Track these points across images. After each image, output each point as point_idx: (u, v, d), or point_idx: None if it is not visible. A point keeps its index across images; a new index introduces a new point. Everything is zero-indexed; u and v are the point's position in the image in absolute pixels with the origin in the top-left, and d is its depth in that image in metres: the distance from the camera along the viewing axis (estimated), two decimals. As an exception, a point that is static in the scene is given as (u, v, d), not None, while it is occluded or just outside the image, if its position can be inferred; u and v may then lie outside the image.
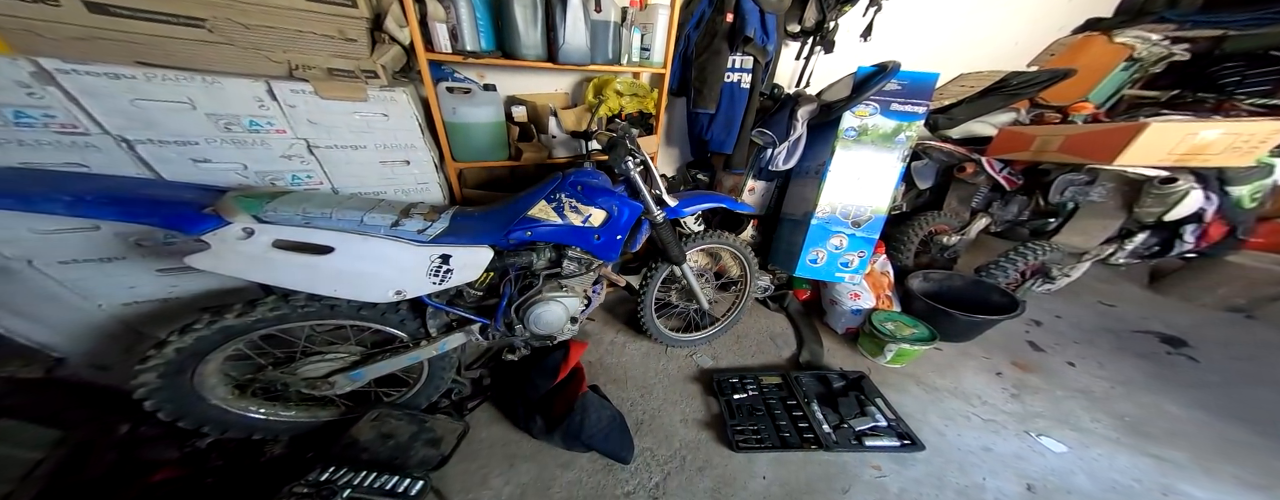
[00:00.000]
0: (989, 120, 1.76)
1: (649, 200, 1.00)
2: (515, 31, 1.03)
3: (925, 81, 1.15)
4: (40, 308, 0.79)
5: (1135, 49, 1.85)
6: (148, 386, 0.71)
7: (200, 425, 0.81)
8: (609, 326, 1.48)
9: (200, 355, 0.74)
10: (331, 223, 0.71)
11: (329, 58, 0.77)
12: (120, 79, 0.65)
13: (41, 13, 0.59)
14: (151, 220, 0.61)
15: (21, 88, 0.61)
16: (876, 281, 1.51)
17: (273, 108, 0.77)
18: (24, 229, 0.70)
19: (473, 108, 1.06)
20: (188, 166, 0.76)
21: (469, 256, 0.83)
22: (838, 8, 1.45)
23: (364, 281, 0.75)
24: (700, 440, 1.05)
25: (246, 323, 0.74)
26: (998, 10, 1.96)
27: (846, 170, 1.26)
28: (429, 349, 0.93)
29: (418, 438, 0.92)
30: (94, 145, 0.69)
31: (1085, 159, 1.25)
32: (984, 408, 1.22)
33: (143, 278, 0.84)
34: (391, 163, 0.96)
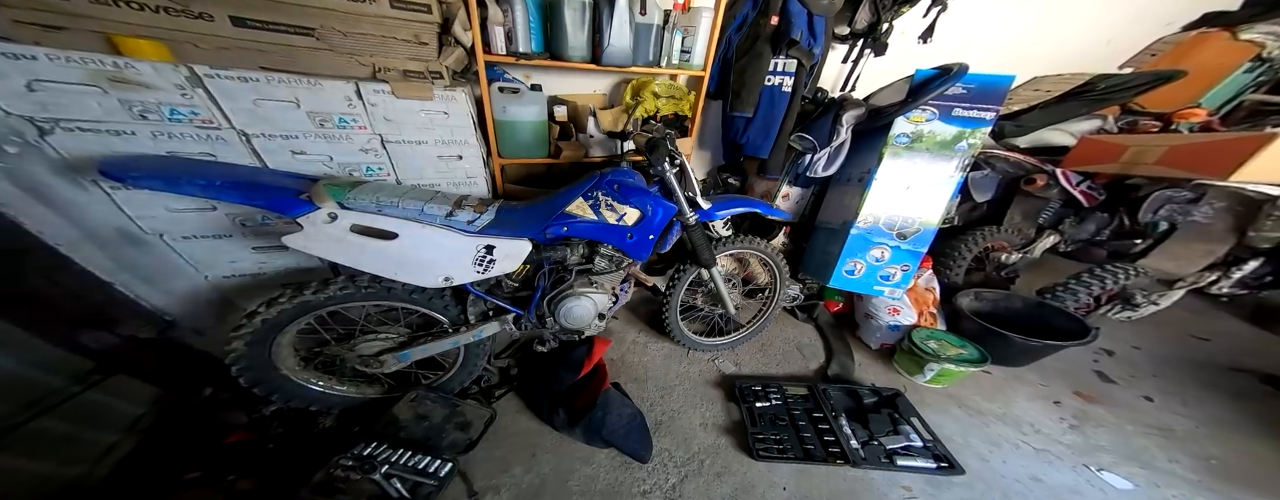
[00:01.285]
0: (1067, 128, 1.66)
1: (683, 202, 1.06)
2: (564, 34, 1.13)
3: (997, 85, 1.12)
4: (163, 276, 0.98)
5: (1265, 48, 1.67)
6: (236, 353, 0.86)
7: (271, 393, 0.95)
8: (631, 326, 1.55)
9: (279, 327, 0.88)
10: (398, 211, 0.83)
11: (405, 60, 0.91)
12: (248, 81, 0.82)
13: (201, 27, 0.76)
14: (260, 203, 0.76)
15: (178, 90, 0.78)
16: (919, 297, 1.48)
17: (358, 106, 0.92)
18: (161, 207, 0.88)
19: (520, 107, 1.18)
20: (287, 157, 0.93)
21: (510, 248, 0.93)
22: (895, 9, 1.44)
23: (420, 267, 0.87)
24: (719, 445, 1.09)
25: (320, 299, 0.88)
26: (1089, 6, 1.83)
27: (894, 179, 1.26)
28: (467, 335, 1.04)
29: (449, 421, 1.02)
30: (222, 138, 0.86)
31: (1193, 173, 1.15)
32: (1036, 436, 1.17)
33: (242, 254, 1.02)
34: (447, 157, 1.09)
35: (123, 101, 0.76)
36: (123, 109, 0.77)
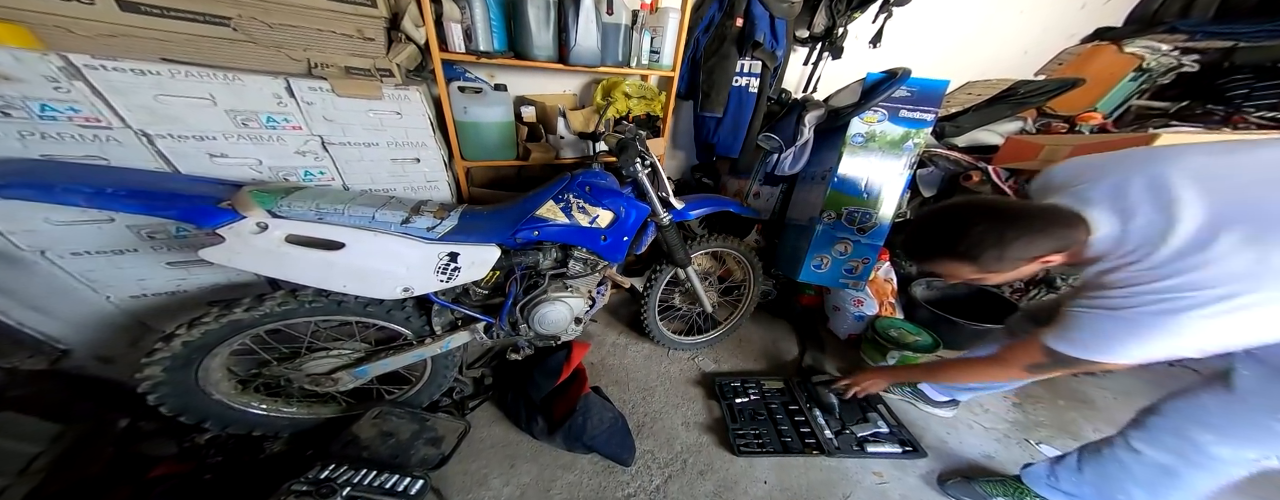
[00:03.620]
0: (995, 129, 1.79)
1: (656, 203, 1.02)
2: (527, 32, 1.06)
3: (935, 89, 1.18)
4: (50, 299, 0.81)
5: (1145, 59, 1.88)
6: (152, 380, 0.73)
7: (201, 420, 0.82)
8: (611, 328, 1.50)
9: (206, 349, 0.76)
10: (344, 219, 0.73)
11: (347, 56, 0.80)
12: (145, 75, 0.68)
13: (76, 10, 0.62)
14: (169, 213, 0.63)
15: (49, 82, 0.63)
16: (880, 288, 1.53)
17: (290, 105, 0.80)
18: (40, 220, 0.72)
19: (483, 107, 1.09)
20: (204, 161, 0.79)
21: (477, 255, 0.86)
22: (848, 14, 1.48)
23: (373, 278, 0.78)
24: (702, 443, 1.07)
25: (254, 317, 0.76)
26: (1008, 19, 2.00)
27: (853, 176, 1.29)
28: (433, 347, 0.95)
29: (419, 436, 0.93)
30: (115, 139, 0.71)
31: None
32: (986, 416, 1.24)
33: (153, 271, 0.86)
34: (402, 160, 0.98)
35: (-26, 95, 0.61)
36: (-25, 104, 0.62)
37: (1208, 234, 0.49)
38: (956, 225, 0.60)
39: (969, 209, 0.61)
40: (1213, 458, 0.62)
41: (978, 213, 0.59)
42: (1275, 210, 0.47)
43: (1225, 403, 0.61)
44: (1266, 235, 0.46)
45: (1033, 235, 0.56)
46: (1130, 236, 0.54)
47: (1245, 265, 0.47)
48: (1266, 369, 0.57)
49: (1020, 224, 0.56)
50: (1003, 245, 0.56)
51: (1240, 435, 0.61)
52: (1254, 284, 0.46)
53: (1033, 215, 0.57)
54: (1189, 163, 0.54)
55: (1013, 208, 0.59)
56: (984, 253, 0.57)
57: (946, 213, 0.64)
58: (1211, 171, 0.53)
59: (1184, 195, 0.51)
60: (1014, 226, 0.56)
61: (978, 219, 0.58)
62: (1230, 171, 0.52)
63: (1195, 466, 0.64)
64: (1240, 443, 0.61)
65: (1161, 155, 0.57)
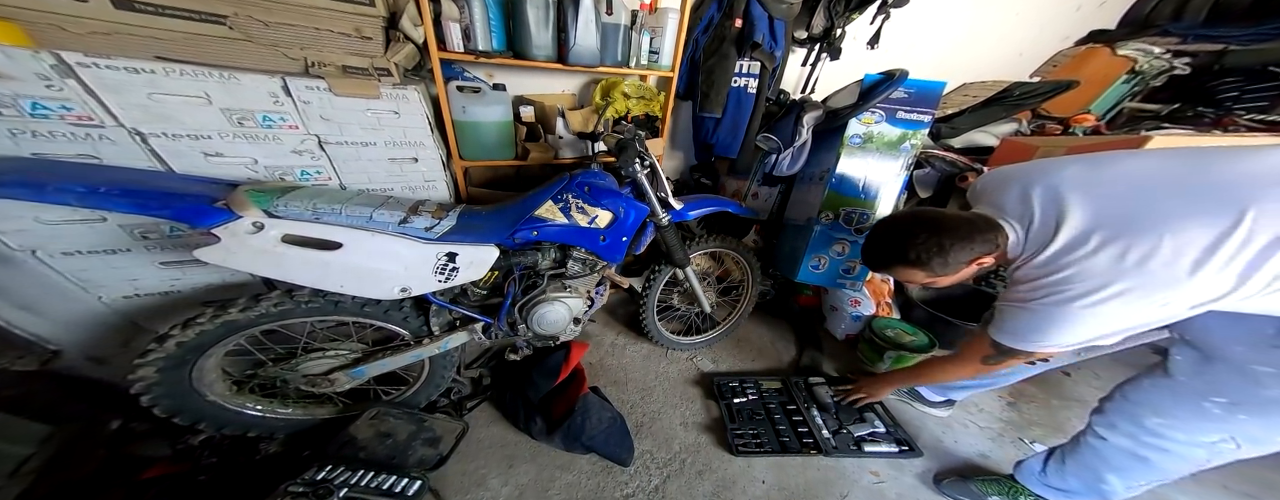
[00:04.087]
0: (991, 130, 1.81)
1: (655, 203, 1.02)
2: (527, 32, 1.06)
3: (932, 90, 1.19)
4: (41, 299, 0.80)
5: (1137, 62, 1.90)
6: (145, 381, 0.72)
7: (196, 422, 0.82)
8: (610, 328, 1.50)
9: (201, 350, 0.75)
10: (341, 219, 0.72)
11: (344, 55, 0.79)
12: (139, 73, 0.67)
13: (69, 8, 0.61)
14: (163, 212, 0.63)
15: (41, 80, 0.62)
16: (877, 289, 1.54)
17: (287, 104, 0.79)
18: (31, 219, 0.71)
19: (482, 107, 1.09)
20: (199, 160, 0.78)
21: (475, 255, 0.85)
22: (846, 15, 1.49)
23: (371, 278, 0.77)
24: (700, 443, 1.07)
25: (250, 318, 0.75)
26: (1004, 21, 2.01)
27: (851, 177, 1.30)
28: (431, 347, 0.94)
29: (416, 437, 0.93)
30: (108, 137, 0.70)
31: None
32: (981, 415, 1.25)
33: (146, 271, 0.85)
34: (400, 160, 0.97)
35: (-37, 92, 0.60)
36: (-36, 101, 0.61)
37: (1084, 235, 0.57)
38: (904, 236, 0.69)
39: (912, 221, 0.70)
40: (1167, 440, 0.66)
41: (918, 225, 0.68)
42: (1131, 213, 0.55)
43: (1165, 387, 0.67)
44: (1122, 236, 0.54)
45: (965, 242, 0.65)
46: (1030, 239, 0.63)
47: (1107, 262, 0.54)
48: (1197, 353, 0.63)
49: (954, 232, 0.65)
50: (944, 252, 0.65)
51: (1183, 417, 0.65)
52: (1114, 278, 0.54)
53: (961, 224, 0.66)
54: (1074, 173, 0.62)
55: (947, 218, 0.67)
56: (931, 259, 0.66)
57: (894, 226, 0.73)
58: (1093, 180, 0.60)
59: (1070, 200, 0.59)
60: (949, 235, 0.65)
61: (919, 230, 0.67)
62: (1110, 179, 0.60)
63: (1155, 450, 0.68)
64: (1186, 425, 0.65)
65: (1054, 166, 0.66)
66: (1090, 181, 0.60)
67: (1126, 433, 0.71)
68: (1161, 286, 0.52)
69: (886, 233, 0.74)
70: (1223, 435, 0.62)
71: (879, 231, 0.76)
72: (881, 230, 0.75)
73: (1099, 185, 0.59)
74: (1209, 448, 0.64)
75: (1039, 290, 0.61)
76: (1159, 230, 0.52)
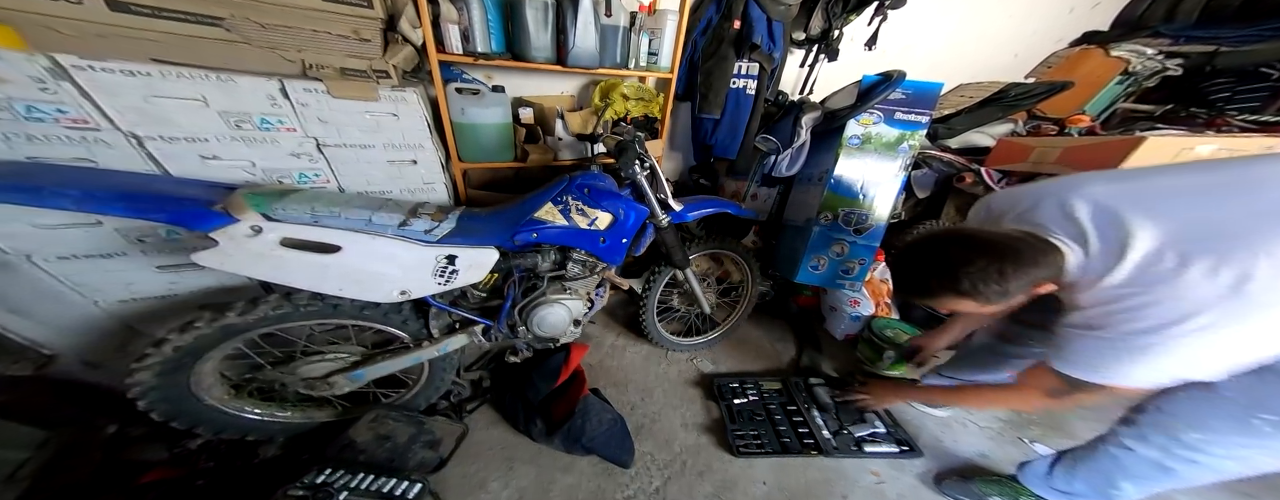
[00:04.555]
0: (987, 131, 1.82)
1: (655, 204, 1.02)
2: (526, 34, 1.06)
3: (929, 91, 1.19)
4: (36, 304, 0.79)
5: (1130, 63, 1.92)
6: (142, 385, 0.72)
7: (193, 426, 0.81)
8: (609, 329, 1.50)
9: (199, 354, 0.75)
10: (340, 221, 0.72)
11: (342, 57, 0.79)
12: (135, 76, 0.66)
13: (64, 10, 0.61)
14: (159, 216, 0.62)
15: (35, 83, 0.62)
16: (876, 289, 1.55)
17: (284, 106, 0.79)
18: (25, 223, 0.70)
19: (481, 109, 1.08)
20: (195, 163, 0.77)
21: (475, 257, 0.85)
22: (844, 17, 1.49)
23: (370, 281, 0.77)
24: (701, 445, 1.07)
25: (248, 321, 0.75)
26: (999, 23, 2.03)
27: (850, 178, 1.30)
28: (431, 350, 0.94)
29: (416, 440, 0.92)
30: (104, 141, 0.69)
31: (1084, 171, 1.30)
32: (980, 415, 1.25)
33: (142, 274, 0.85)
34: (399, 162, 0.97)
35: (-43, 95, 0.59)
36: (-42, 105, 0.60)
37: (1158, 253, 0.51)
38: (955, 263, 0.58)
39: (960, 244, 0.60)
40: (1203, 454, 0.63)
41: (970, 248, 0.58)
42: (1208, 229, 0.49)
43: (1206, 400, 0.61)
44: (1206, 252, 0.48)
45: (1028, 266, 0.56)
46: (1092, 258, 0.56)
47: (1197, 282, 0.48)
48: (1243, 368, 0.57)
49: (1013, 256, 0.56)
50: (1005, 279, 0.56)
51: (1225, 432, 0.61)
52: (1210, 302, 0.48)
53: (1019, 245, 0.57)
54: (1113, 188, 0.58)
55: (999, 239, 0.58)
56: (988, 287, 0.56)
57: (938, 250, 0.61)
58: (1143, 192, 0.56)
59: (1130, 215, 0.53)
60: (1009, 259, 0.56)
61: (974, 255, 0.57)
62: (1163, 193, 0.55)
63: (1186, 462, 0.65)
64: (1227, 440, 0.61)
65: (1081, 181, 0.61)
66: (1141, 194, 0.55)
67: (1159, 446, 0.67)
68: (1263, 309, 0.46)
69: (930, 258, 0.61)
70: (1267, 452, 0.58)
71: (918, 256, 0.63)
72: (921, 255, 0.63)
73: (1156, 199, 0.54)
74: (1243, 461, 0.61)
75: (1117, 316, 0.53)
76: (1252, 249, 0.46)
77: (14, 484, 0.75)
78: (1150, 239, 0.51)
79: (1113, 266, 0.53)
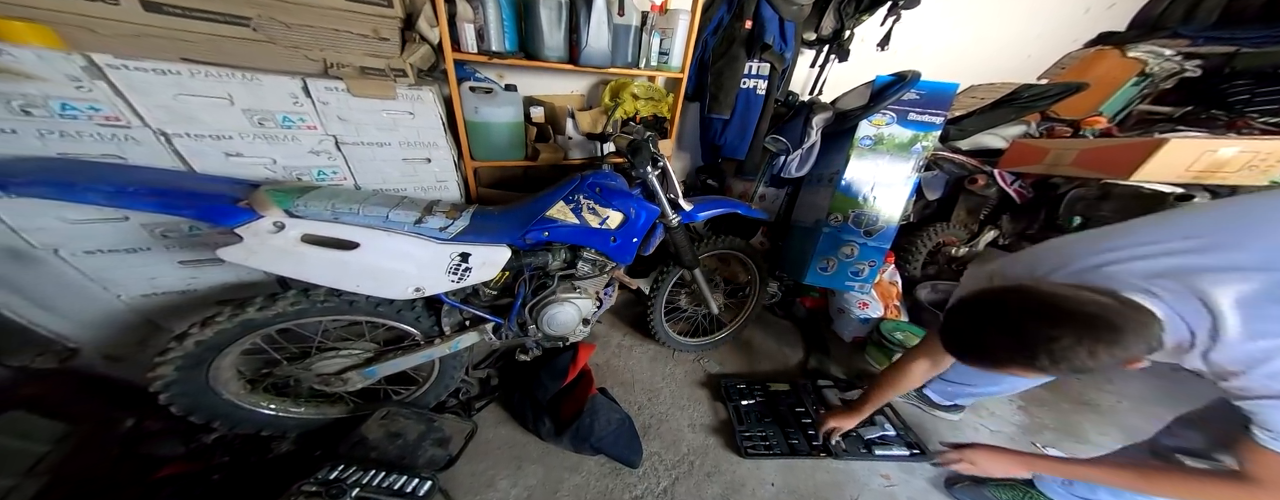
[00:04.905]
0: (999, 132, 1.81)
1: (665, 204, 1.04)
2: (539, 33, 1.07)
3: (944, 92, 1.20)
4: (60, 298, 0.82)
5: (1147, 64, 1.91)
6: (164, 379, 0.74)
7: (211, 420, 0.83)
8: (615, 329, 1.51)
9: (219, 349, 0.77)
10: (359, 218, 0.74)
11: (362, 56, 0.81)
12: (166, 75, 0.69)
13: (101, 10, 0.63)
14: (188, 212, 0.64)
15: (71, 81, 0.64)
16: (885, 291, 1.55)
17: (306, 104, 0.81)
18: (54, 218, 0.73)
19: (494, 107, 1.10)
20: (219, 160, 0.80)
21: (488, 255, 0.87)
22: (856, 16, 1.50)
23: (386, 278, 0.79)
24: (708, 445, 1.08)
25: (267, 317, 0.77)
26: (1012, 23, 2.02)
27: (860, 179, 1.31)
28: (442, 347, 0.96)
29: (426, 437, 0.94)
30: (134, 138, 0.72)
31: (1101, 173, 1.29)
32: (992, 419, 1.25)
33: (164, 269, 0.87)
34: (413, 160, 0.99)
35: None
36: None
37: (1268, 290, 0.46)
38: (1034, 338, 0.49)
39: (1041, 317, 0.50)
40: None
41: (1057, 322, 0.49)
42: None
43: None
44: None
45: (1127, 342, 0.48)
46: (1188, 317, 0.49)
47: None
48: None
49: (1109, 331, 0.48)
50: (1094, 358, 0.47)
51: None
52: None
53: (1113, 316, 0.48)
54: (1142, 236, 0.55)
55: (1087, 310, 0.48)
56: (1071, 365, 0.49)
57: (1010, 320, 0.52)
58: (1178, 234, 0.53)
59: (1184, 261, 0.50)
60: (1104, 335, 0.47)
61: (1060, 331, 0.48)
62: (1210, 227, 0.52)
63: None
64: None
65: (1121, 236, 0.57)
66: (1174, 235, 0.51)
67: (1206, 462, 0.64)
68: None
69: (1001, 327, 0.52)
70: None
71: (984, 323, 0.54)
72: (988, 322, 0.54)
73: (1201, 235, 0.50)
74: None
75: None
76: None
77: (35, 477, 0.77)
78: (1233, 280, 0.47)
79: (1213, 322, 0.48)
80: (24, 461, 0.78)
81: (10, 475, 0.75)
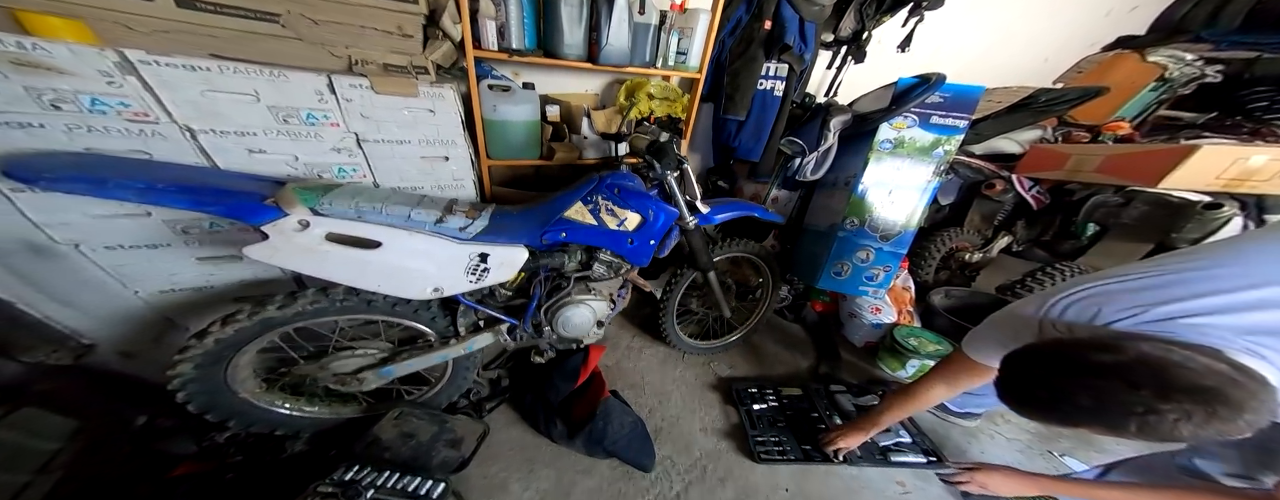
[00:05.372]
0: (1014, 137, 1.82)
1: (683, 206, 1.04)
2: (559, 30, 1.08)
3: (969, 94, 1.19)
4: (78, 293, 0.83)
5: (1168, 69, 1.91)
6: (183, 377, 0.75)
7: (227, 418, 0.84)
8: (625, 330, 1.52)
9: (237, 347, 0.78)
10: (382, 217, 0.75)
11: (386, 53, 0.82)
12: (196, 71, 0.70)
13: (135, 6, 0.64)
14: (217, 209, 0.65)
15: (103, 77, 0.65)
16: (898, 296, 1.56)
17: (330, 101, 0.82)
18: (77, 213, 0.74)
19: (512, 106, 1.11)
20: (243, 156, 0.80)
21: (506, 256, 0.87)
22: (877, 17, 1.51)
23: (406, 277, 0.79)
24: (721, 450, 1.08)
25: (287, 315, 0.77)
26: (1032, 25, 2.03)
27: (879, 183, 1.32)
28: (458, 348, 0.97)
29: (439, 438, 0.95)
30: (161, 134, 0.73)
31: (1127, 180, 1.29)
32: (1007, 426, 1.26)
33: (183, 266, 0.88)
34: (432, 158, 1.00)
35: (29, 89, 0.63)
36: (29, 97, 0.63)
37: None
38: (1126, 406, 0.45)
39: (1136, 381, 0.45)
40: None
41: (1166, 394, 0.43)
42: None
43: None
44: None
45: (1244, 418, 0.42)
46: None
47: None
48: None
49: (1229, 408, 0.42)
50: (1197, 430, 0.43)
51: None
52: None
53: (1229, 387, 0.43)
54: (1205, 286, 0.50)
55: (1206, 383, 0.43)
56: (1159, 433, 0.44)
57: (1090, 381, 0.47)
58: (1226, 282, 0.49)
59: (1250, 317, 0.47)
60: (1220, 413, 0.42)
61: (1159, 402, 0.43)
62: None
63: None
64: None
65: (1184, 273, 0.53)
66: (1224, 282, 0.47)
67: (1245, 482, 0.64)
68: None
69: (1080, 387, 0.47)
70: None
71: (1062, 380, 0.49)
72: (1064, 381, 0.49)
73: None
74: None
75: None
76: None
77: (47, 475, 0.78)
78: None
79: None
80: (36, 459, 0.78)
81: (24, 472, 0.76)
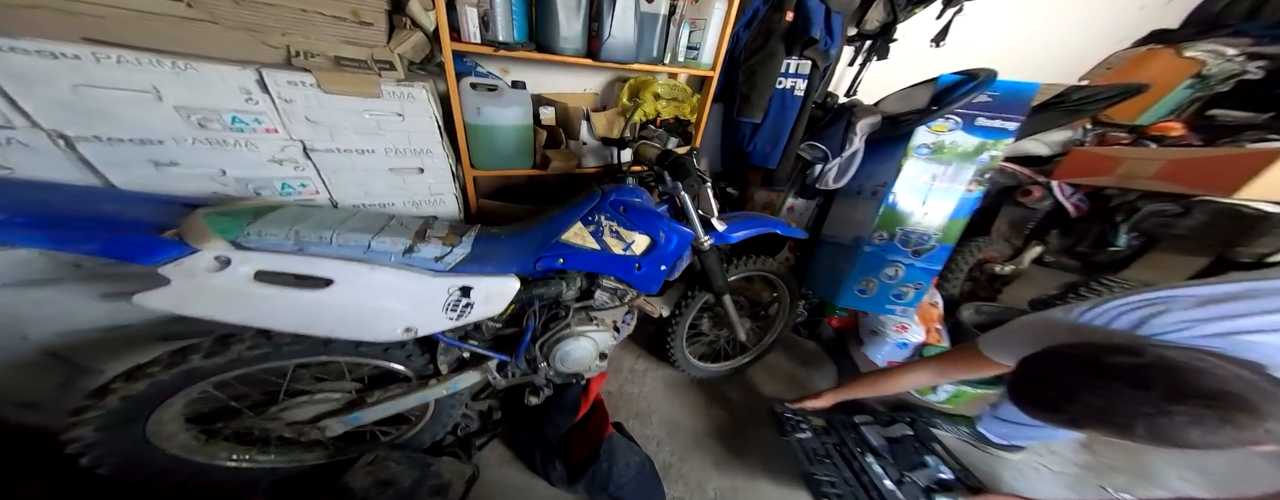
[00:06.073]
0: (1043, 138, 1.65)
1: (697, 225, 0.87)
2: (554, 21, 0.89)
3: (1023, 93, 1.02)
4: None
5: (1206, 65, 1.73)
6: (82, 442, 0.58)
7: (152, 479, 0.67)
8: (627, 352, 1.36)
9: (155, 402, 0.61)
10: (331, 249, 0.58)
11: (337, 44, 0.64)
12: (58, 58, 0.51)
13: None
14: (86, 248, 0.47)
15: None
16: (925, 313, 1.39)
17: (263, 102, 0.63)
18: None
19: (499, 108, 0.93)
20: (148, 171, 0.62)
21: (493, 287, 0.71)
22: (909, 8, 1.31)
23: (369, 319, 0.62)
24: (737, 488, 0.94)
25: (217, 364, 0.61)
26: (1065, 19, 1.83)
27: (913, 192, 1.14)
28: (439, 388, 0.80)
29: (421, 484, 0.80)
30: (20, 142, 0.54)
31: (1196, 189, 1.11)
32: (1052, 457, 1.11)
33: (82, 304, 0.69)
34: (403, 170, 0.82)
35: None
36: None
37: None
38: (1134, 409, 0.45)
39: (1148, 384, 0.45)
40: None
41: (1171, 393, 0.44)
42: None
43: None
44: None
45: (1269, 424, 0.42)
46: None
47: None
48: None
49: (1250, 413, 0.42)
50: (1208, 437, 0.43)
51: None
52: None
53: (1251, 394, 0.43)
54: None
55: (1226, 387, 0.43)
56: (1169, 438, 0.45)
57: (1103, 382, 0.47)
58: None
59: None
60: (1236, 418, 0.42)
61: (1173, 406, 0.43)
62: None
63: None
64: None
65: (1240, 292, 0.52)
66: None
67: None
68: None
69: (1091, 389, 0.48)
70: None
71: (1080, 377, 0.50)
72: (1076, 380, 0.50)
73: None
74: None
75: None
76: None
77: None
78: None
79: None
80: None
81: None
